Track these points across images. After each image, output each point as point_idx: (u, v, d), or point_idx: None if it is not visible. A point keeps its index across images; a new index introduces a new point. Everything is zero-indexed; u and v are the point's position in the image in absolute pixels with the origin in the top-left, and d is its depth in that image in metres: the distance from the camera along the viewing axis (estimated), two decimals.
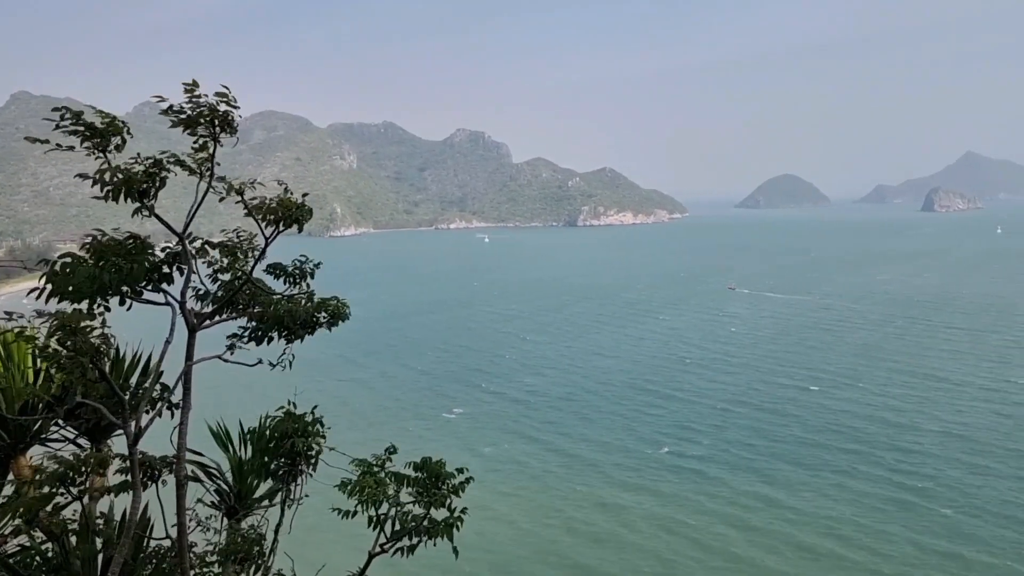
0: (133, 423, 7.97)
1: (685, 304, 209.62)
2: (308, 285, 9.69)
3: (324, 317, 9.52)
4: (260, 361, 9.16)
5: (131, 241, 7.95)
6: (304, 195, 10.07)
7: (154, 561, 9.14)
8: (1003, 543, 66.54)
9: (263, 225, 9.22)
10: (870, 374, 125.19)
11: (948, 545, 65.88)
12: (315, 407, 10.16)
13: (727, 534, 69.68)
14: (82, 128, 7.67)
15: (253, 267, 9.26)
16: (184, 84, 8.26)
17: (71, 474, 8.20)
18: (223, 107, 8.52)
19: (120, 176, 7.79)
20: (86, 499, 8.68)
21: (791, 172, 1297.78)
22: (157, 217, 8.39)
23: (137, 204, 8.04)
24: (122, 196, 7.95)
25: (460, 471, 10.04)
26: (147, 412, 8.42)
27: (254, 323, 9.28)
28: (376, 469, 9.64)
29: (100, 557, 8.70)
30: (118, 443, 9.02)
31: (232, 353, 9.12)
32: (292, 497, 9.83)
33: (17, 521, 8.09)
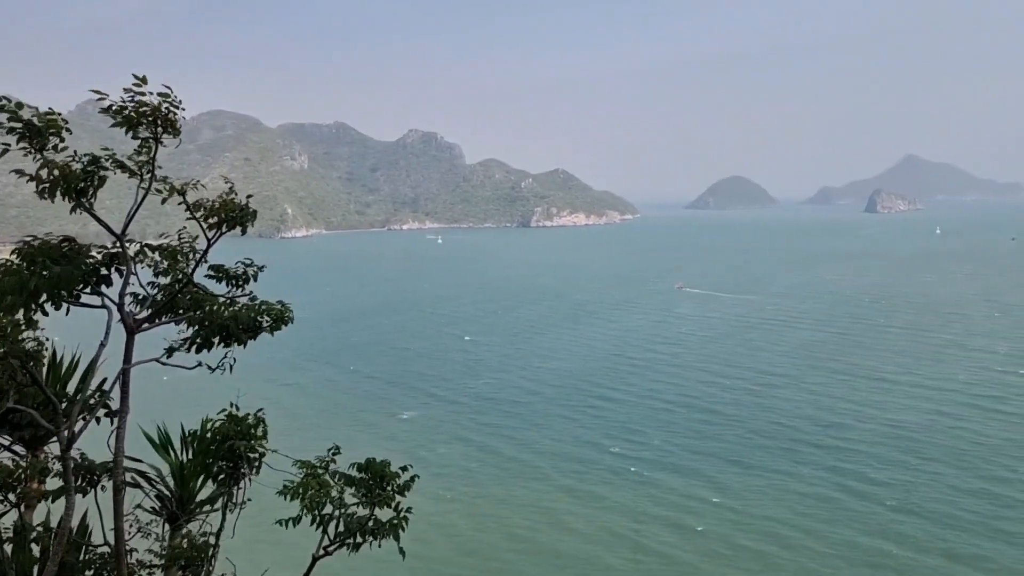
0: (67, 428, 7.85)
1: (634, 305, 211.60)
2: (250, 288, 9.61)
3: (267, 321, 9.44)
4: (200, 364, 9.08)
5: (65, 244, 7.83)
6: (248, 196, 10.01)
7: (93, 568, 9.00)
8: (936, 540, 68.39)
9: (205, 227, 9.14)
10: (813, 374, 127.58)
11: (883, 543, 66.69)
12: (259, 410, 10.07)
13: (668, 538, 69.42)
14: (19, 126, 7.54)
15: (194, 270, 9.17)
16: (135, 77, 8.14)
17: (9, 481, 8.05)
18: (166, 107, 8.43)
19: (57, 173, 7.69)
20: (23, 507, 8.53)
21: (740, 174, 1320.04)
22: (95, 217, 8.29)
23: (74, 203, 7.94)
24: (60, 194, 7.84)
25: (404, 470, 10.05)
26: (84, 417, 8.29)
27: (195, 327, 9.17)
28: (320, 471, 9.59)
29: (36, 566, 8.54)
30: (58, 450, 8.86)
31: (171, 356, 9.02)
32: (235, 501, 9.74)
33: None
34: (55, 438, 8.42)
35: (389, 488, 9.70)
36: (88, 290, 8.14)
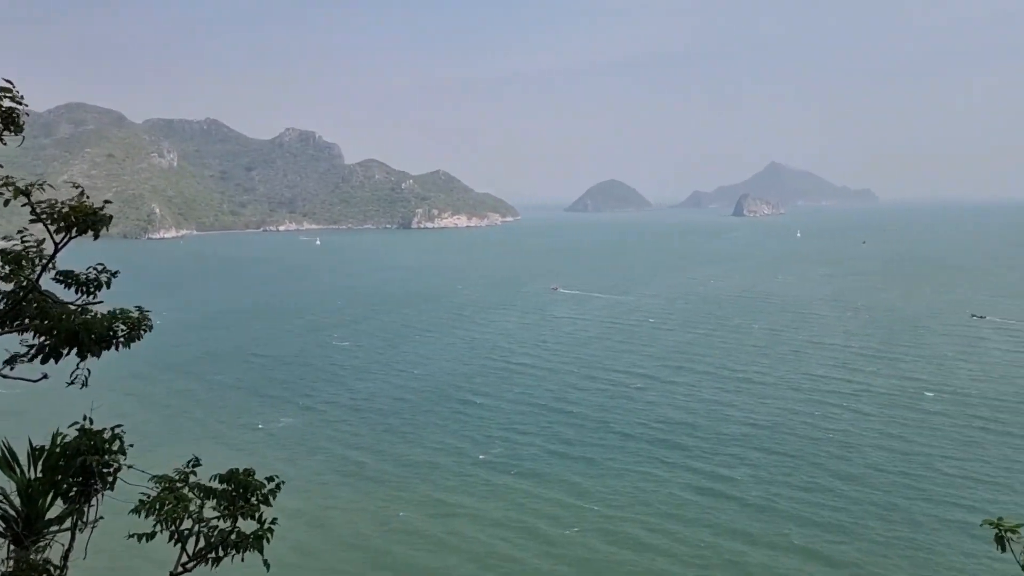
0: None
1: (510, 307, 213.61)
2: (101, 295, 9.18)
3: (123, 330, 9.04)
4: (45, 376, 8.61)
5: None
6: (106, 202, 9.59)
7: None
8: (792, 538, 72.54)
9: (53, 231, 8.69)
10: (680, 375, 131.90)
11: (739, 544, 69.06)
12: (118, 426, 9.59)
13: (533, 544, 69.74)
14: None
15: (39, 276, 8.70)
16: None
17: None
18: (7, 103, 8.02)
19: None
20: None
21: (617, 178, 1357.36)
22: None
23: None
24: None
25: (270, 479, 9.83)
26: None
27: (42, 337, 8.69)
28: (179, 484, 9.28)
29: None
30: None
31: (12, 368, 8.52)
32: (85, 520, 9.26)
33: None
34: None
35: (253, 499, 9.47)
36: None
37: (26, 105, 8.26)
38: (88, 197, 9.19)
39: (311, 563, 65.64)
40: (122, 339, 9.00)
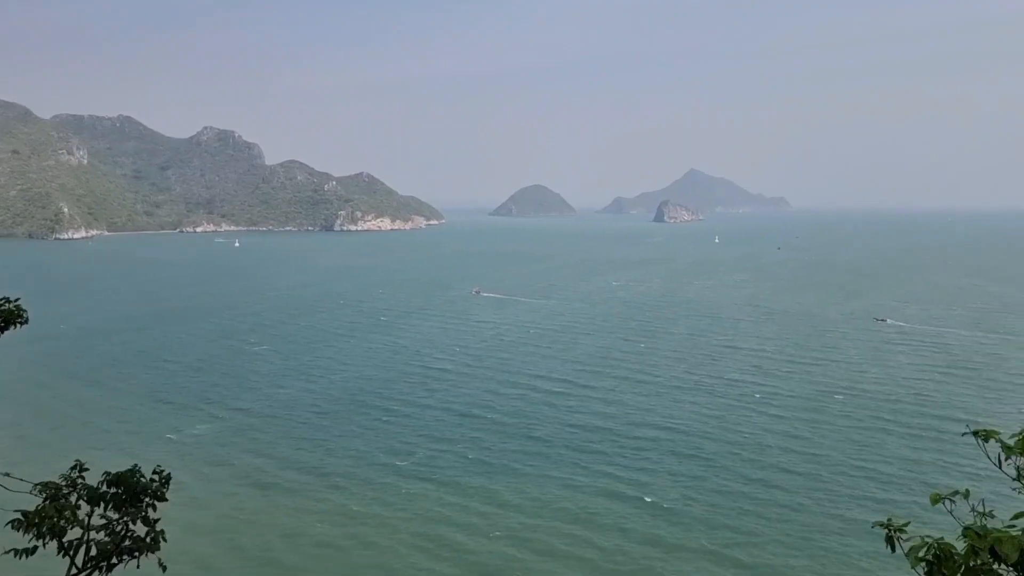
0: None
1: (432, 311, 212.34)
2: None
3: None
4: None
5: None
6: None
7: None
8: (703, 541, 73.88)
9: None
10: (600, 379, 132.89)
11: (650, 549, 69.78)
12: None
13: (463, 542, 69.93)
14: None
15: None
16: None
17: None
18: None
19: None
20: None
21: (541, 183, 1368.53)
22: None
23: None
24: None
25: (157, 473, 9.30)
26: None
27: None
28: (66, 489, 8.61)
29: None
30: None
31: None
32: None
33: None
34: None
35: (145, 500, 8.85)
36: None
37: None
38: None
39: None
40: None
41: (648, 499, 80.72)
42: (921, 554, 6.89)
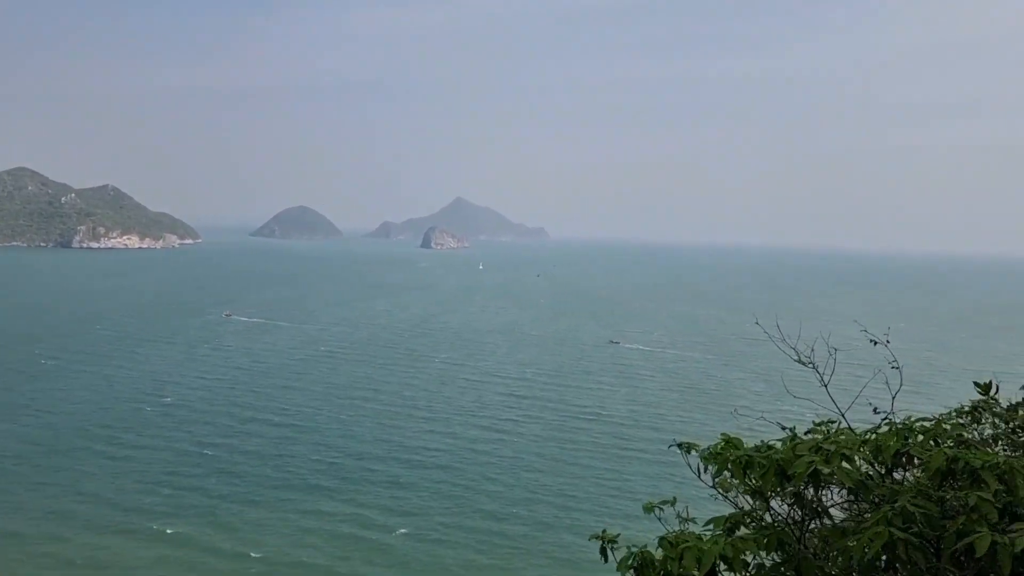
0: None
1: (178, 337, 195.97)
2: None
3: None
4: None
5: None
6: None
7: None
8: (467, 566, 73.86)
9: None
10: (361, 407, 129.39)
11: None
12: None
13: None
14: None
15: None
16: None
17: None
18: None
19: None
20: None
21: (305, 204, 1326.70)
22: None
23: None
24: None
25: None
26: None
27: None
28: None
29: None
30: None
31: None
32: None
33: None
34: None
35: None
36: None
37: None
38: None
39: None
40: None
41: (404, 530, 79.61)
42: (630, 562, 7.75)
